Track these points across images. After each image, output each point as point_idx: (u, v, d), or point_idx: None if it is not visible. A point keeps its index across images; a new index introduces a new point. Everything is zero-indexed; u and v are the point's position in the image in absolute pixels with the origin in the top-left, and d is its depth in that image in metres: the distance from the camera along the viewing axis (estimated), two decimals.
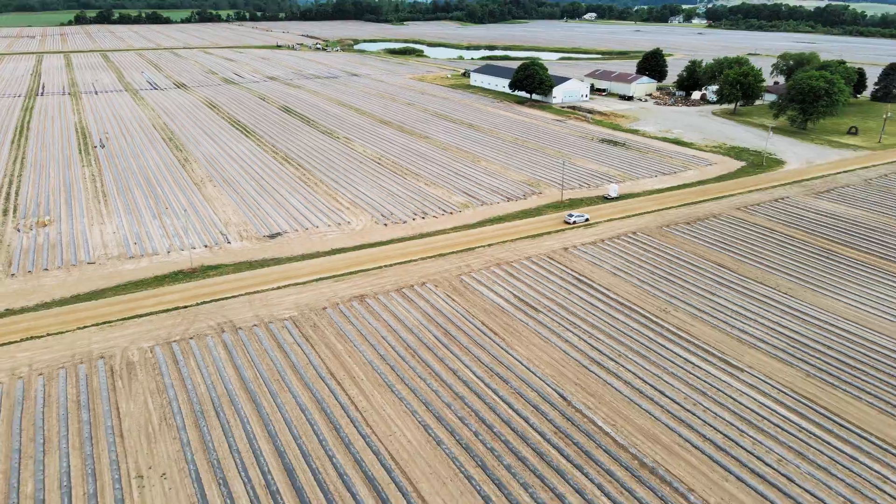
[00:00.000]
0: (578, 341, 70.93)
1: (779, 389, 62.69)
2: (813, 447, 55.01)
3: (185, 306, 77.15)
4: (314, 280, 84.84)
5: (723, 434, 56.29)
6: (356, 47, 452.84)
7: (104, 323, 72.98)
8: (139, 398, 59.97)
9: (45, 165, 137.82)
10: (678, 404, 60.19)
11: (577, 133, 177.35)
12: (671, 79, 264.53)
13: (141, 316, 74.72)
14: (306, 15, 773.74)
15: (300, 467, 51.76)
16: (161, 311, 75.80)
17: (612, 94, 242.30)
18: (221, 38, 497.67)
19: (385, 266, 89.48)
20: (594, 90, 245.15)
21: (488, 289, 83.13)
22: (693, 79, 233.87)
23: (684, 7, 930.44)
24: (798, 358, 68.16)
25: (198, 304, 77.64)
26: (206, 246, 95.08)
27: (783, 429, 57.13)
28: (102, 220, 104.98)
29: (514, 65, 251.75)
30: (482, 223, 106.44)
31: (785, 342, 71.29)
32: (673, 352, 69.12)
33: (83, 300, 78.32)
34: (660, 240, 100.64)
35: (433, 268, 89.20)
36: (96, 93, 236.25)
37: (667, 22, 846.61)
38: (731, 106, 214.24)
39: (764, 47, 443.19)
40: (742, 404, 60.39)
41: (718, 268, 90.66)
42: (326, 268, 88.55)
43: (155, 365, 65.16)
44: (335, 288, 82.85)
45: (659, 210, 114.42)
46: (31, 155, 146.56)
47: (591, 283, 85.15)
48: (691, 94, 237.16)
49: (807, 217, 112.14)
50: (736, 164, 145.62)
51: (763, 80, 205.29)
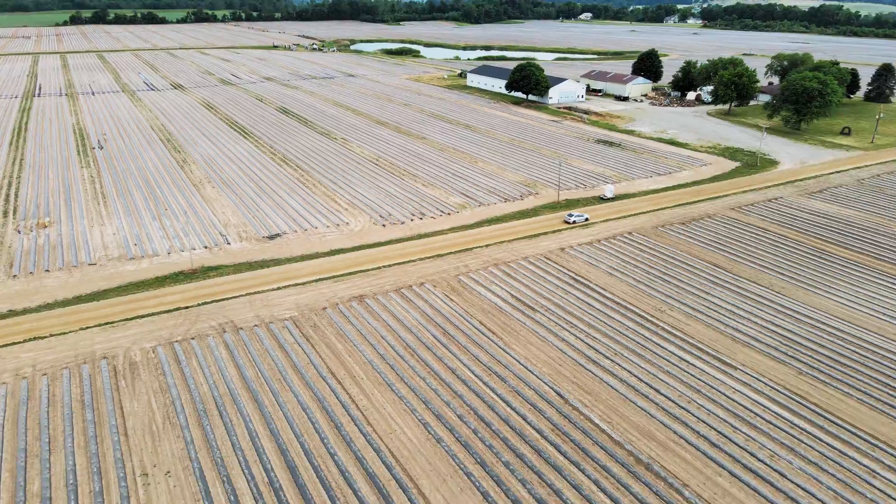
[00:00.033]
0: (575, 340, 72.05)
1: (771, 387, 63.93)
2: (804, 443, 56.22)
3: (187, 307, 78.03)
4: (314, 281, 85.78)
5: (716, 431, 57.46)
6: (352, 48, 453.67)
7: (106, 323, 73.81)
8: (143, 397, 60.83)
9: (44, 167, 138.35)
10: (673, 402, 61.37)
11: (573, 134, 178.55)
12: (666, 79, 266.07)
13: (143, 316, 75.58)
14: (302, 15, 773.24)
15: (302, 465, 52.73)
16: (163, 312, 76.67)
17: (608, 95, 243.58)
18: (217, 39, 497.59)
19: (384, 267, 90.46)
20: (590, 91, 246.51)
21: (486, 289, 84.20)
22: (688, 79, 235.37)
23: (679, 7, 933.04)
24: (790, 356, 69.42)
25: (199, 305, 78.52)
26: (206, 247, 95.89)
27: (775, 425, 58.34)
28: (102, 222, 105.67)
29: (511, 65, 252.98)
30: (480, 224, 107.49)
31: (778, 340, 72.55)
32: (668, 350, 70.31)
33: (85, 301, 79.14)
34: (655, 240, 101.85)
35: (431, 268, 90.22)
36: (93, 94, 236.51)
37: (662, 22, 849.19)
38: (726, 106, 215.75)
39: (759, 47, 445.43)
40: (735, 401, 61.59)
41: (713, 267, 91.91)
42: (326, 268, 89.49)
43: (157, 365, 66.02)
44: (335, 288, 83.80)
45: (654, 210, 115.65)
46: (30, 156, 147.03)
47: (588, 283, 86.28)
48: (686, 95, 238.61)
49: (800, 217, 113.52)
50: (730, 165, 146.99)
51: (757, 81, 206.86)
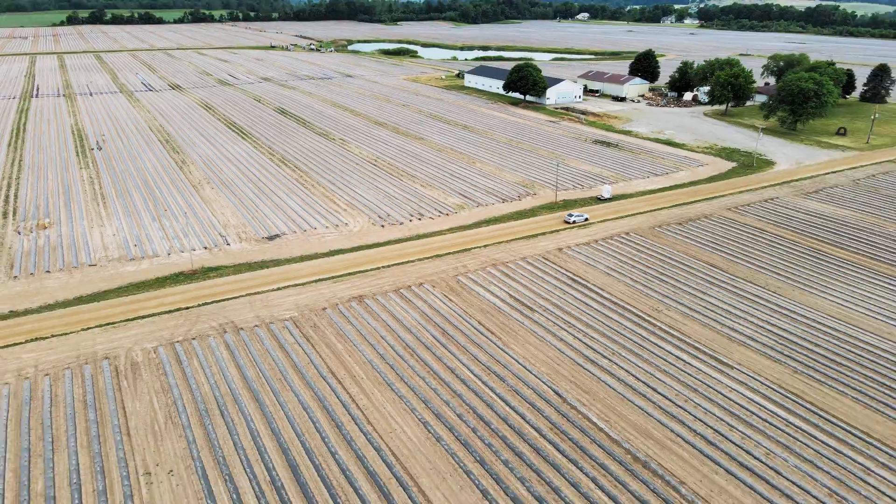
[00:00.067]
0: (573, 340, 72.71)
1: (767, 385, 64.65)
2: (800, 441, 56.94)
3: (187, 307, 78.51)
4: (313, 281, 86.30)
5: (713, 429, 58.16)
6: (350, 48, 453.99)
7: (107, 324, 74.25)
8: (144, 397, 61.32)
9: (43, 168, 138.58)
10: (670, 400, 62.05)
11: (571, 134, 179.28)
12: (663, 80, 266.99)
13: (143, 317, 76.04)
14: (300, 15, 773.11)
15: (304, 463, 53.29)
16: (163, 313, 77.14)
17: (605, 96, 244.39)
18: (215, 39, 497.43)
19: (383, 267, 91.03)
20: (587, 91, 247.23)
21: (485, 289, 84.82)
22: (685, 80, 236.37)
23: (676, 7, 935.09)
24: (786, 355, 70.18)
25: (199, 306, 79.00)
26: (206, 248, 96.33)
27: (771, 423, 59.06)
28: (102, 223, 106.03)
29: (508, 66, 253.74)
30: (478, 224, 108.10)
31: (774, 340, 73.29)
32: (665, 350, 71.00)
33: (86, 302, 79.55)
34: (652, 240, 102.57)
35: (430, 269, 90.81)
36: (91, 94, 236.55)
37: (659, 22, 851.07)
38: (723, 107, 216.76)
39: (755, 47, 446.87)
40: (732, 400, 62.30)
41: (709, 267, 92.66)
42: (325, 269, 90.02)
43: (159, 365, 66.50)
44: (334, 289, 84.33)
45: (651, 211, 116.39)
46: (29, 157, 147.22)
47: (586, 283, 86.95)
48: (683, 96, 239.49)
49: (796, 217, 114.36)
50: (727, 165, 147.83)
51: (754, 82, 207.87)
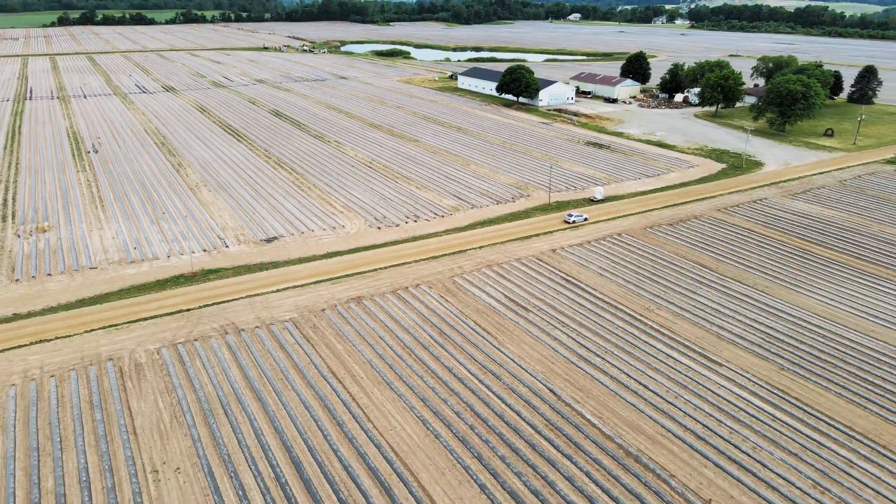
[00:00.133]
0: (567, 339, 74.65)
1: (754, 382, 66.79)
2: (785, 435, 59.06)
3: (188, 309, 79.94)
4: (312, 283, 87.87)
5: (702, 424, 60.21)
6: (343, 49, 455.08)
7: (110, 326, 75.61)
8: (149, 398, 62.78)
9: (40, 171, 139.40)
10: (661, 397, 64.07)
11: (564, 136, 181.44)
12: (654, 81, 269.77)
13: (146, 319, 77.44)
14: (292, 16, 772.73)
15: (307, 460, 54.94)
16: (165, 315, 78.55)
17: (597, 97, 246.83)
18: (207, 40, 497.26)
19: (380, 269, 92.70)
20: (579, 93, 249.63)
21: (480, 290, 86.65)
22: (676, 81, 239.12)
23: (667, 8, 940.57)
24: (773, 353, 72.36)
25: (200, 307, 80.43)
26: (205, 250, 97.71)
27: (758, 419, 61.15)
28: (101, 226, 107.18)
29: (501, 67, 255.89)
30: (473, 226, 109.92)
31: (761, 338, 75.48)
32: (656, 348, 73.06)
33: (88, 304, 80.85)
34: (644, 241, 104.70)
35: (426, 270, 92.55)
36: (85, 97, 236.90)
37: (650, 23, 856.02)
38: (713, 108, 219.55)
39: (745, 48, 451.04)
40: (720, 396, 64.39)
41: (699, 267, 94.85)
42: (323, 271, 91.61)
43: (162, 366, 67.95)
44: (332, 290, 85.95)
45: (643, 212, 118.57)
46: (25, 160, 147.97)
47: (579, 284, 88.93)
48: (674, 97, 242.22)
49: (784, 218, 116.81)
50: (717, 167, 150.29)
51: (743, 84, 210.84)
